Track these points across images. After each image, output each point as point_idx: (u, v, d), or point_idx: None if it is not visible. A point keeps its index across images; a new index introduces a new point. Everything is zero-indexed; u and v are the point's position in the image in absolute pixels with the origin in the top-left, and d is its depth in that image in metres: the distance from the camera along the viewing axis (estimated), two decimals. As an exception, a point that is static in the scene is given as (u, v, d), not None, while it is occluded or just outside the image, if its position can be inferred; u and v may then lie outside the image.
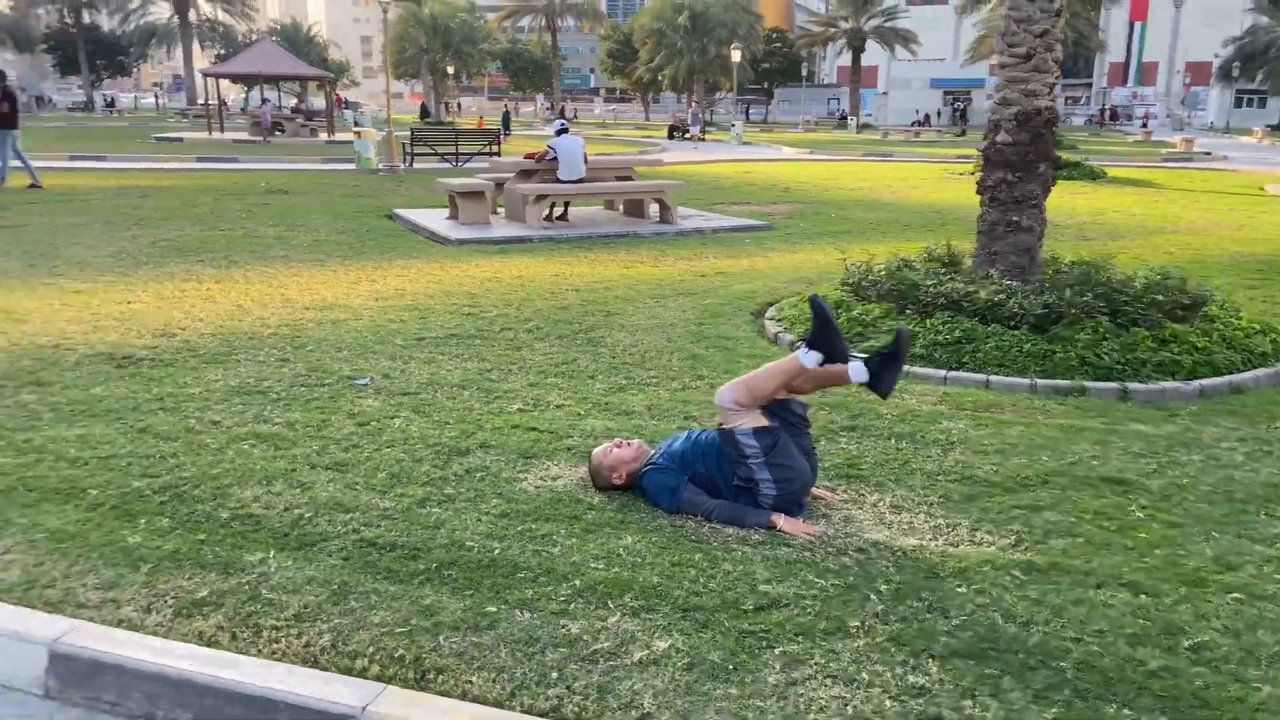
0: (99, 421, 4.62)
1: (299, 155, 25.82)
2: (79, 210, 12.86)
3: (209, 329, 6.52)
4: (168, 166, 21.79)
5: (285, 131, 34.20)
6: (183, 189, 16.17)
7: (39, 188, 15.04)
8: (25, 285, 7.84)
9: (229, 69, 35.02)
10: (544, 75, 76.80)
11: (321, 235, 11.09)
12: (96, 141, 29.52)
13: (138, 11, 65.14)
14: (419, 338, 6.39)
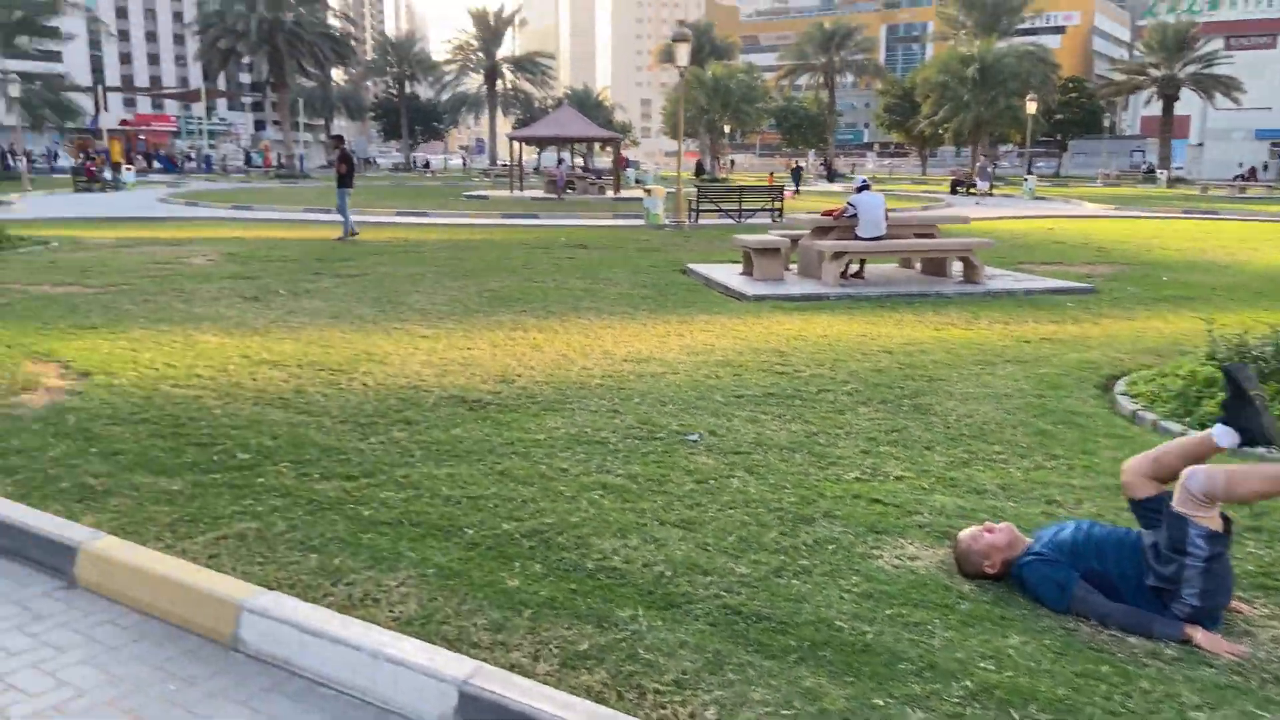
0: (462, 462, 4.95)
1: (590, 211, 27.36)
2: (412, 261, 14.26)
3: (541, 377, 6.89)
4: (479, 222, 23.81)
5: (576, 189, 36.47)
6: (496, 243, 17.55)
7: (344, 240, 17.16)
8: (380, 329, 8.71)
9: (533, 132, 37.97)
10: (817, 131, 77.00)
11: (625, 289, 11.53)
12: (417, 199, 32.93)
13: (453, 82, 72.36)
14: (737, 395, 6.39)
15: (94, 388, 6.38)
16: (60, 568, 3.77)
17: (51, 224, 20.25)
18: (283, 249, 15.66)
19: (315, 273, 12.70)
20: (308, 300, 10.36)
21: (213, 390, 6.36)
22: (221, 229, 19.92)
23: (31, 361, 7.14)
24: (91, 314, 9.22)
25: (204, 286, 11.26)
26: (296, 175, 53.39)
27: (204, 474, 4.73)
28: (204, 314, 9.37)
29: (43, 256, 14.09)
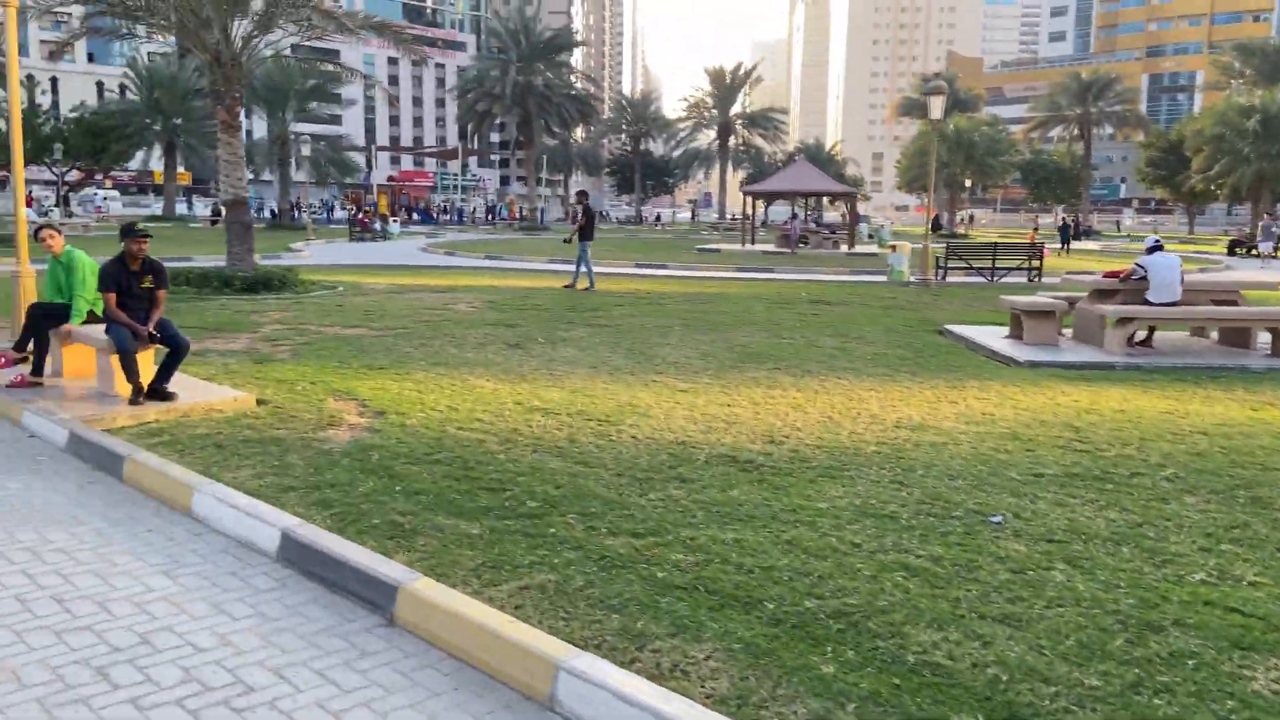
0: (746, 527, 4.78)
1: (825, 266, 26.95)
2: (657, 313, 14.48)
3: (810, 439, 6.64)
4: (714, 275, 24.01)
5: (809, 244, 36.16)
6: (735, 296, 17.56)
7: (589, 290, 17.78)
8: (638, 381, 8.79)
9: (768, 186, 38.17)
10: (1067, 185, 72.53)
11: (879, 348, 11.10)
12: (652, 252, 33.79)
13: (686, 139, 74.29)
14: (1035, 473, 5.85)
15: (389, 426, 6.78)
16: (379, 604, 3.91)
17: (334, 270, 22.33)
18: (534, 298, 16.39)
19: (568, 322, 13.14)
20: (565, 349, 10.68)
21: (494, 435, 6.59)
22: (478, 277, 21.20)
23: (333, 398, 7.72)
24: (378, 355, 9.92)
25: (471, 332, 11.89)
26: (538, 227, 56.48)
27: (499, 519, 4.82)
28: (475, 359, 9.86)
29: (331, 300, 15.47)
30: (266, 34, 16.19)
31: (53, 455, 6.28)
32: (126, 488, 5.63)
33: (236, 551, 4.61)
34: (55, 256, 7.90)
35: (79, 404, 7.20)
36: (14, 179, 9.15)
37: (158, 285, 7.44)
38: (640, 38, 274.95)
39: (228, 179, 16.39)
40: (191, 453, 6.03)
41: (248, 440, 6.34)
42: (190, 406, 7.18)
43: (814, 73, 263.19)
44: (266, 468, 5.71)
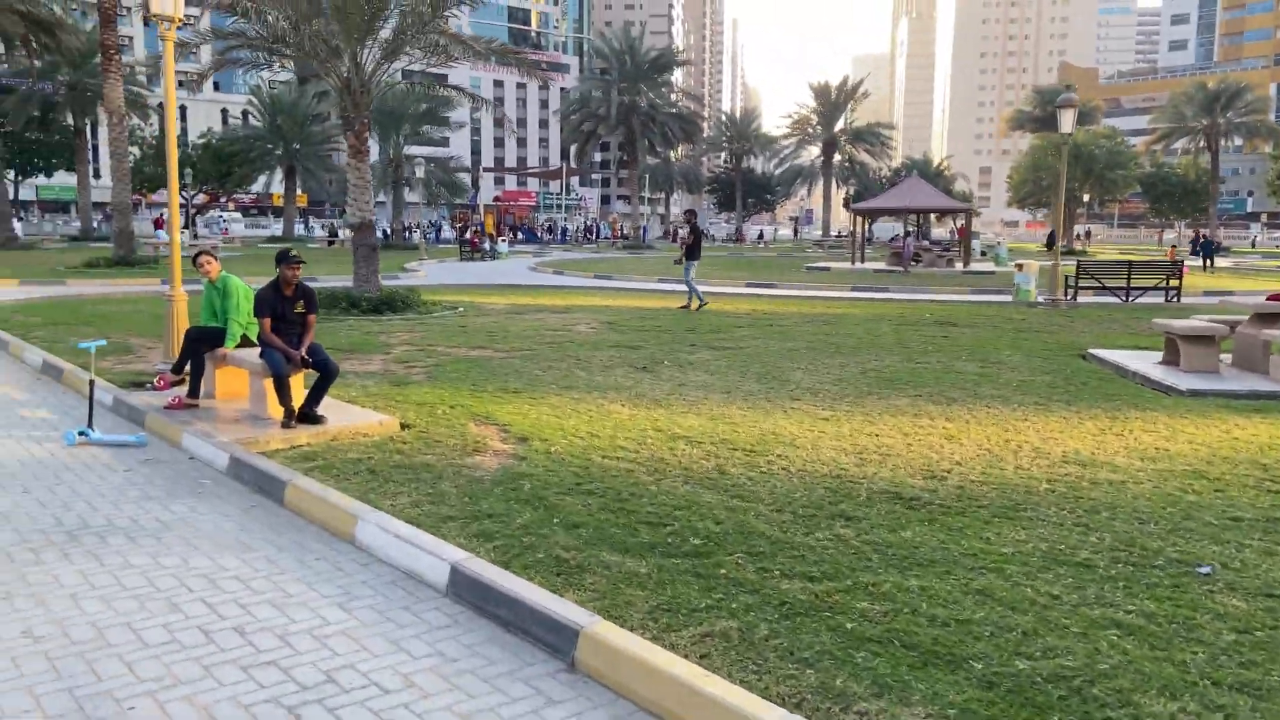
0: (929, 573, 4.50)
1: (943, 285, 26.17)
2: (779, 335, 14.20)
3: (973, 474, 6.29)
4: (829, 294, 23.55)
5: (921, 261, 35.22)
6: (856, 317, 17.13)
7: (696, 309, 17.72)
8: (776, 407, 8.55)
9: (880, 203, 37.41)
10: (1191, 200, 69.05)
11: (1023, 374, 10.58)
12: (759, 270, 33.45)
13: (790, 155, 73.66)
14: (1231, 517, 5.38)
15: (534, 454, 6.71)
16: (559, 647, 3.79)
17: (450, 289, 22.72)
18: (652, 319, 16.30)
19: (691, 345, 12.98)
20: (694, 373, 10.51)
21: (641, 465, 6.45)
22: (590, 297, 21.28)
23: (474, 423, 7.72)
24: (510, 378, 9.94)
25: (596, 354, 11.85)
26: (640, 246, 56.73)
27: (664, 557, 4.66)
28: (605, 383, 9.78)
29: (454, 321, 15.70)
30: (394, 61, 16.61)
31: (214, 478, 6.42)
32: (288, 512, 5.69)
33: (405, 584, 4.57)
34: (211, 281, 8.15)
35: (233, 426, 7.37)
36: (170, 206, 9.53)
37: (309, 310, 7.58)
38: (740, 55, 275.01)
39: (355, 202, 16.85)
40: (347, 478, 6.07)
41: (399, 466, 6.36)
42: (339, 430, 7.27)
43: (917, 87, 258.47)
44: (422, 495, 5.69)
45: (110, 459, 6.83)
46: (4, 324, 13.92)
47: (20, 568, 4.69)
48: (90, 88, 50.04)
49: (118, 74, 26.50)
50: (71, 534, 5.21)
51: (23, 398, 9.07)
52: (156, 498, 5.92)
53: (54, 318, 14.89)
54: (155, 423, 7.68)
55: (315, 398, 7.40)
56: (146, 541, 5.12)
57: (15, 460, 6.74)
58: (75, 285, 21.92)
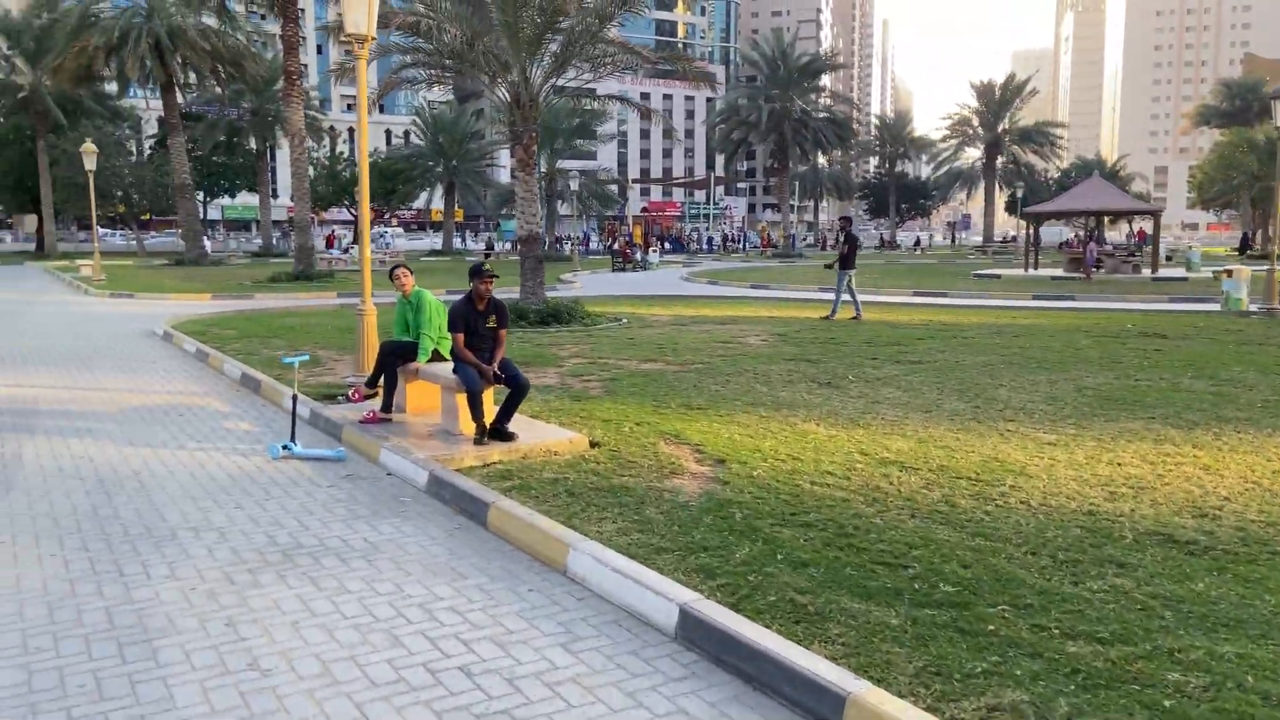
0: (1241, 636, 3.80)
1: (1132, 293, 24.26)
2: (965, 347, 13.29)
3: (1249, 512, 5.45)
4: (1007, 303, 22.18)
5: (1104, 267, 32.94)
6: (1045, 328, 15.94)
7: (855, 320, 17.11)
8: (990, 429, 7.83)
9: (1056, 206, 35.25)
10: None
11: (1264, 393, 9.41)
12: (923, 278, 32.07)
13: (949, 158, 70.91)
14: None
15: (736, 478, 6.29)
16: (818, 712, 3.33)
17: (609, 301, 22.69)
18: (823, 330, 15.66)
19: (872, 357, 12.30)
20: (884, 389, 9.86)
21: (856, 493, 5.92)
22: (752, 308, 20.77)
23: (664, 441, 7.38)
24: (690, 394, 9.58)
25: (773, 368, 11.35)
26: (791, 254, 55.74)
27: (916, 606, 4.14)
28: (790, 399, 9.27)
29: (620, 332, 15.53)
30: (562, 73, 16.65)
31: (414, 495, 6.31)
32: (492, 536, 5.47)
33: (627, 623, 4.22)
34: (404, 296, 8.14)
35: (427, 442, 7.29)
36: (360, 221, 9.66)
37: (500, 324, 7.44)
38: (890, 57, 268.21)
39: (522, 215, 16.96)
40: (547, 500, 5.83)
41: (597, 488, 6.07)
42: (529, 447, 7.07)
43: (1084, 84, 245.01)
44: (628, 522, 5.37)
45: (313, 474, 6.85)
46: (202, 336, 14.66)
47: (241, 591, 4.62)
48: (270, 113, 53.38)
49: (299, 99, 27.93)
50: (286, 554, 5.15)
51: (226, 409, 9.36)
52: (363, 516, 5.83)
53: (246, 330, 15.61)
54: (352, 437, 7.70)
55: (506, 414, 7.23)
56: (359, 564, 4.99)
57: (225, 474, 6.85)
58: (261, 299, 23.11)
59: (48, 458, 7.32)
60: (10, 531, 5.53)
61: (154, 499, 6.19)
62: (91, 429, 8.40)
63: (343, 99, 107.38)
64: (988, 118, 65.97)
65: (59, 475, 6.82)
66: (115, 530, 5.56)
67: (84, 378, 11.39)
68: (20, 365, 12.34)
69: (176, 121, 39.01)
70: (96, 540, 5.38)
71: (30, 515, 5.84)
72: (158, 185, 50.51)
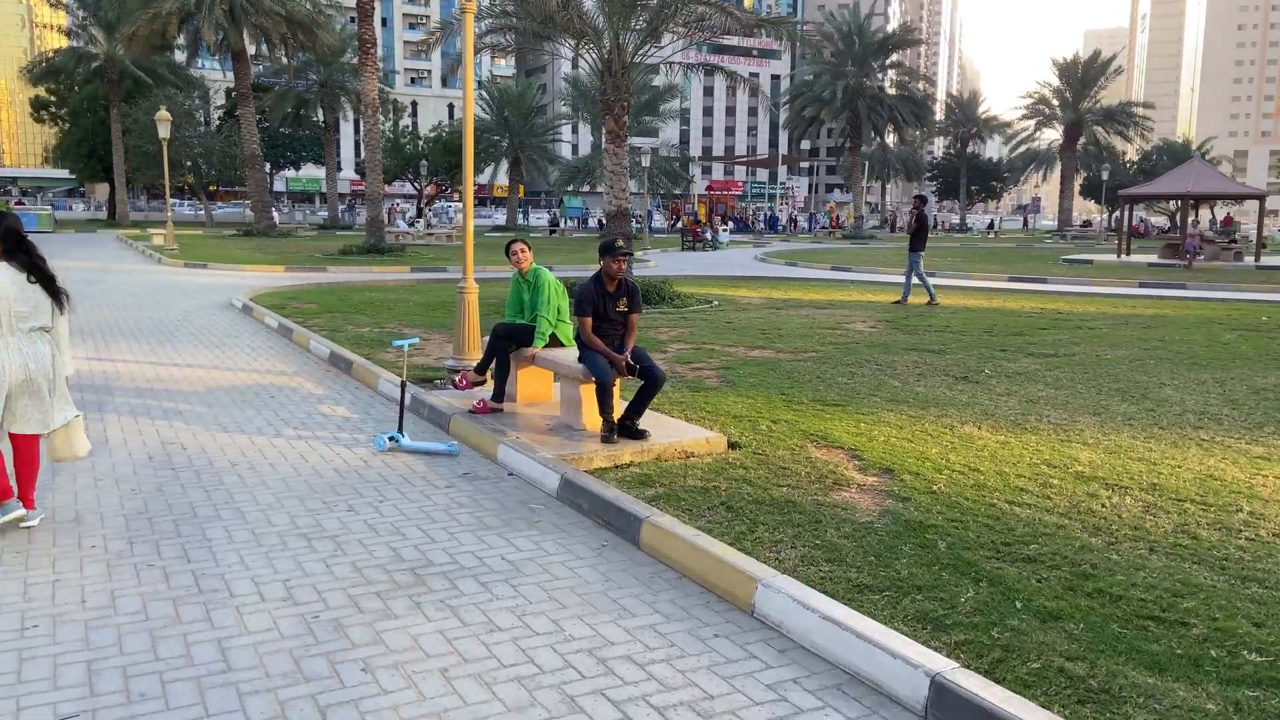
0: None
1: (1243, 281, 22.67)
2: (1099, 339, 12.20)
3: None
4: (1112, 291, 20.85)
5: (1203, 254, 31.14)
6: (1172, 319, 14.73)
7: (931, 305, 16.30)
8: (1182, 438, 6.84)
9: (1155, 189, 33.43)
10: None
11: None
12: (1010, 263, 30.64)
13: (1027, 138, 68.40)
14: None
15: (915, 493, 5.43)
16: None
17: (689, 281, 21.78)
18: (932, 316, 14.63)
19: (1000, 349, 11.29)
20: (1030, 385, 8.89)
21: (1068, 518, 5.02)
22: (841, 290, 19.75)
23: (812, 444, 6.54)
24: (818, 386, 8.71)
25: (895, 359, 10.43)
26: (862, 236, 54.19)
27: (1226, 684, 3.26)
28: (930, 395, 8.36)
29: (716, 315, 14.67)
30: (656, 40, 15.75)
31: (545, 502, 5.55)
32: (646, 557, 4.69)
33: (855, 691, 3.40)
34: (521, 274, 7.38)
35: (547, 438, 6.54)
36: (464, 190, 8.91)
37: (631, 308, 6.64)
38: (959, 34, 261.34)
39: (611, 189, 16.15)
40: (702, 514, 5.03)
41: (757, 501, 5.25)
42: (663, 448, 6.28)
43: (1161, 64, 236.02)
44: (809, 547, 4.55)
45: (427, 470, 6.14)
46: (282, 310, 14.13)
47: (372, 622, 3.90)
48: (339, 84, 53.23)
49: (373, 68, 27.38)
50: (417, 574, 4.42)
51: (318, 392, 8.73)
52: (493, 527, 5.09)
53: (326, 304, 15.06)
54: (462, 428, 6.99)
55: (637, 409, 6.44)
56: (503, 591, 4.25)
57: (330, 468, 6.17)
58: (335, 272, 22.67)
59: (136, 443, 6.73)
60: (101, 533, 4.89)
61: (257, 497, 5.53)
62: (180, 410, 7.81)
63: (407, 72, 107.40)
64: (1067, 97, 63.29)
65: (149, 465, 6.20)
66: (218, 535, 4.89)
67: (166, 352, 10.88)
68: (101, 337, 11.90)
69: (247, 91, 38.85)
70: (198, 547, 4.72)
71: (123, 514, 5.21)
72: (226, 156, 50.69)
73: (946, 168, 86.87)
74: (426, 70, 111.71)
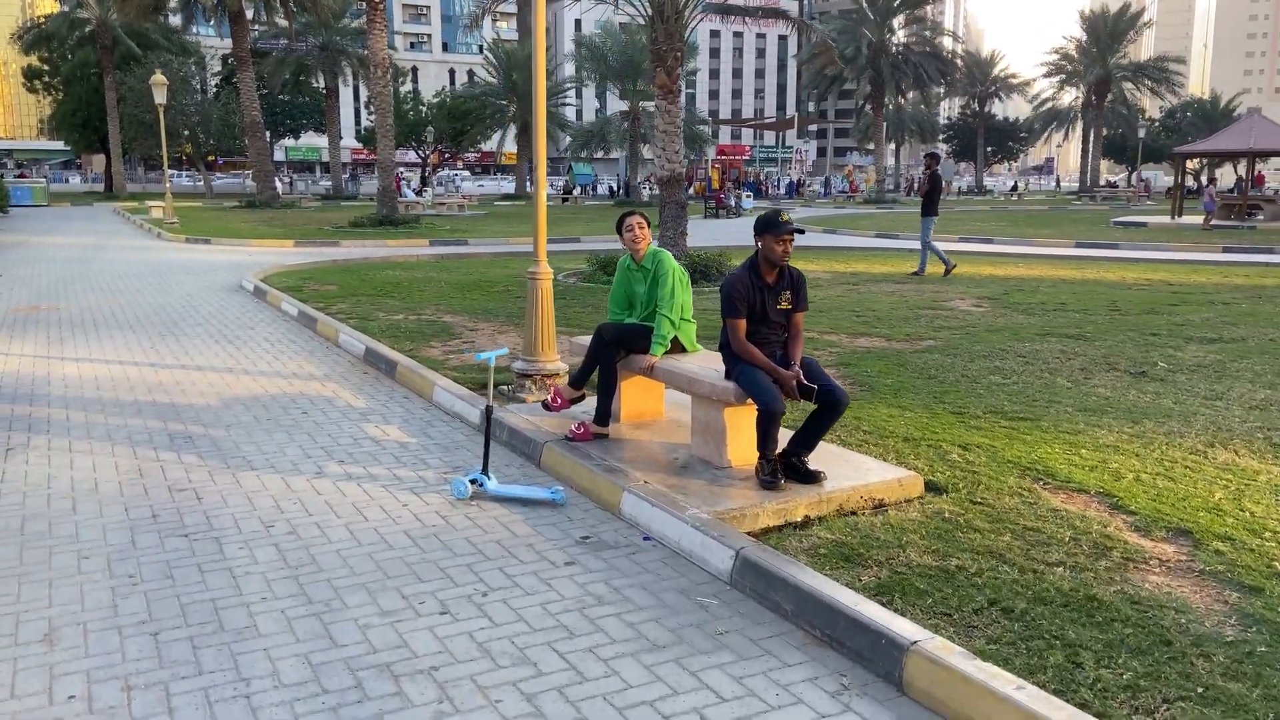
0: None
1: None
2: (1253, 319, 10.50)
3: None
4: (1195, 258, 19.08)
5: (1263, 215, 29.31)
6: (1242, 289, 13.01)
7: (947, 274, 14.92)
8: None
9: (1212, 145, 31.49)
10: None
11: None
12: (1060, 227, 28.88)
13: (1052, 96, 66.10)
14: None
15: (1253, 575, 3.77)
16: None
17: (733, 252, 19.99)
18: (1034, 290, 12.91)
19: (1147, 331, 9.61)
20: (1227, 382, 7.23)
21: None
22: (899, 261, 18.00)
23: (1042, 487, 4.88)
24: (975, 389, 7.03)
25: (1034, 347, 8.75)
26: (884, 200, 52.21)
27: None
28: (1122, 400, 6.69)
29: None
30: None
31: (716, 590, 3.90)
32: (918, 710, 3.04)
33: None
34: (635, 259, 5.66)
35: (681, 480, 4.88)
36: (536, 159, 7.16)
37: (796, 306, 4.96)
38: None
39: (664, 152, 14.39)
40: (972, 624, 3.39)
41: (1039, 598, 3.59)
42: (845, 495, 4.63)
43: (1172, 19, 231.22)
44: (1188, 697, 2.90)
45: (531, 533, 4.49)
46: (299, 293, 12.43)
47: None
48: (340, 47, 51.03)
49: (382, 25, 25.45)
50: (582, 760, 2.78)
51: (360, 404, 7.06)
52: (662, 646, 3.42)
53: (348, 286, 13.35)
54: (562, 463, 5.33)
55: (807, 441, 4.78)
56: (735, 801, 2.60)
57: (401, 531, 4.51)
58: (348, 247, 20.92)
59: (135, 491, 5.07)
60: (84, 669, 3.25)
61: (307, 588, 3.88)
62: (191, 436, 6.14)
63: (406, 37, 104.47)
64: (1094, 51, 60.84)
65: (153, 527, 4.56)
66: (258, 667, 3.25)
67: (170, 348, 9.20)
68: (95, 330, 10.22)
69: (245, 55, 36.79)
70: (229, 697, 3.07)
71: (115, 626, 3.56)
72: (224, 124, 48.62)
73: (963, 129, 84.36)
74: (426, 34, 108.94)
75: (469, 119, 56.61)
